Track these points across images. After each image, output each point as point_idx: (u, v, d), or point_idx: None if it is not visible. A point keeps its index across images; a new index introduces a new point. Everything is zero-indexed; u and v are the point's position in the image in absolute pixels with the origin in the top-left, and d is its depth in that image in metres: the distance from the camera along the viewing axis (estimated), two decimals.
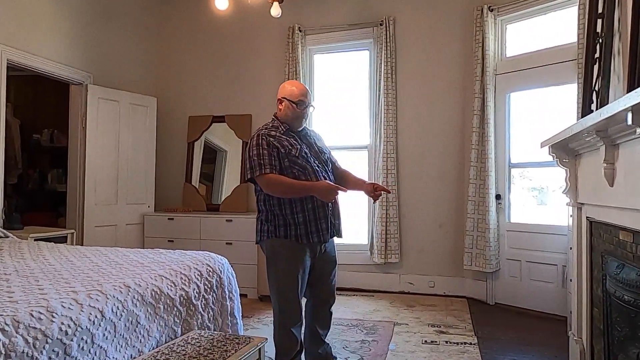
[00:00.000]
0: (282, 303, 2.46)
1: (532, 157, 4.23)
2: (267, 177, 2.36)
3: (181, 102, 5.44)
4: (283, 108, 2.51)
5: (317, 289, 2.60)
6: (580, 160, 2.52)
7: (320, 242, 2.44)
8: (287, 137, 2.46)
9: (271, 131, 2.47)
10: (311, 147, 2.53)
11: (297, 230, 2.39)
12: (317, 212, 2.40)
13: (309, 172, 2.40)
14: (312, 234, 2.40)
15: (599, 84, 2.35)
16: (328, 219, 2.44)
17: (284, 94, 2.52)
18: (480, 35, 4.33)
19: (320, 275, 2.58)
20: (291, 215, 2.39)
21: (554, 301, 3.91)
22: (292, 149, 2.40)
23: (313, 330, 2.62)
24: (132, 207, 4.86)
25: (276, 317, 2.50)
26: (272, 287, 2.49)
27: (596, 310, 2.42)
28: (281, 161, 2.39)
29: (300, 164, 2.39)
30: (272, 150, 2.38)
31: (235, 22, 5.22)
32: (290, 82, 2.63)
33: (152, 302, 2.10)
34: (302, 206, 2.39)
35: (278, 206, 2.42)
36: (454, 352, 3.13)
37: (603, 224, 2.27)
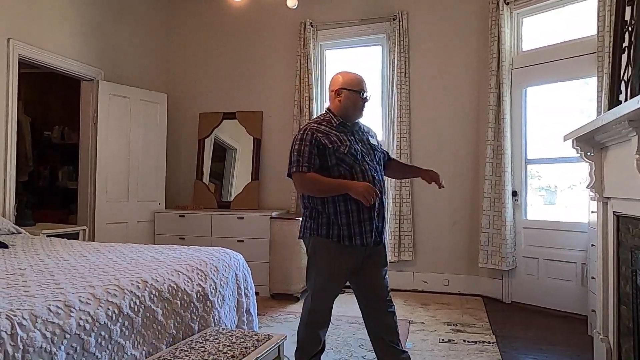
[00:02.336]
0: (314, 303, 2.37)
1: (549, 153, 4.16)
2: (302, 176, 2.26)
3: (192, 98, 5.41)
4: (342, 99, 2.35)
5: (371, 295, 2.43)
6: (606, 153, 2.45)
7: (363, 245, 2.26)
8: (338, 132, 2.30)
9: (321, 125, 2.32)
10: (364, 143, 2.36)
11: (340, 231, 2.25)
12: (361, 214, 2.24)
13: (356, 171, 2.25)
14: (355, 236, 2.25)
15: (629, 73, 2.28)
16: (373, 221, 2.27)
17: (343, 84, 2.36)
18: (495, 29, 4.26)
19: (370, 279, 2.41)
20: (334, 215, 2.26)
21: (573, 300, 3.83)
22: (340, 145, 2.25)
23: (382, 341, 2.44)
24: (143, 204, 4.83)
25: (305, 314, 2.41)
26: (309, 285, 2.41)
27: (624, 307, 2.34)
28: (328, 158, 2.24)
29: (347, 162, 2.24)
30: (314, 147, 2.24)
31: (246, 18, 5.18)
32: (344, 72, 2.45)
33: (169, 298, 2.05)
34: (347, 207, 2.24)
35: (321, 204, 2.29)
36: (472, 351, 3.06)
37: (633, 218, 2.20)
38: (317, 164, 2.25)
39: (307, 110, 4.82)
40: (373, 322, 2.44)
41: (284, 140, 4.99)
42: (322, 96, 5.03)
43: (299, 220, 4.32)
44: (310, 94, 4.83)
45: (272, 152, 5.10)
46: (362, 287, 2.43)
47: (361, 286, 2.43)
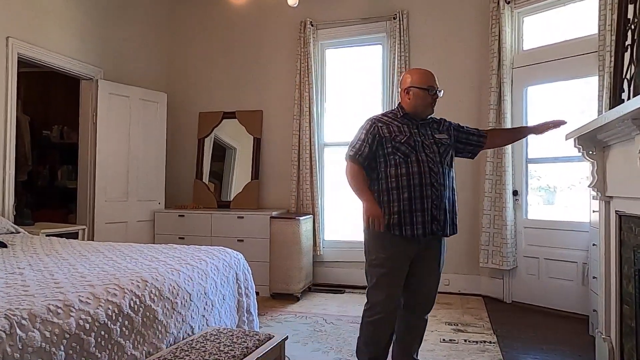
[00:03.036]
0: (369, 297, 2.38)
1: (550, 153, 4.15)
2: (348, 161, 2.39)
3: (191, 97, 5.39)
4: (412, 97, 2.38)
5: (414, 292, 2.41)
6: (609, 152, 2.44)
7: (414, 236, 2.25)
8: (401, 124, 2.36)
9: (385, 116, 2.41)
10: (427, 136, 2.36)
11: (390, 219, 2.27)
12: (413, 203, 2.24)
13: (412, 160, 2.27)
14: (406, 225, 2.25)
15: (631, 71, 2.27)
16: (427, 212, 2.25)
17: (411, 83, 2.38)
18: (496, 28, 4.25)
19: (419, 276, 2.38)
20: (387, 203, 2.29)
21: (574, 299, 3.82)
22: (399, 135, 2.31)
23: (403, 342, 2.47)
24: (142, 203, 4.81)
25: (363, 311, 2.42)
26: (367, 279, 2.41)
27: (626, 307, 2.34)
28: (384, 146, 2.31)
29: (403, 151, 2.28)
30: (369, 136, 2.34)
31: (246, 17, 5.17)
32: (414, 70, 2.49)
33: (170, 297, 2.04)
34: (399, 194, 2.26)
35: (377, 193, 2.33)
36: (473, 351, 3.05)
37: (635, 218, 2.19)
38: (366, 152, 2.33)
39: (308, 110, 4.81)
40: (404, 323, 2.46)
41: (284, 139, 4.98)
42: (322, 95, 5.02)
43: (299, 219, 4.35)
44: (311, 93, 4.81)
45: (272, 152, 5.09)
46: (410, 286, 2.41)
47: (409, 285, 2.40)
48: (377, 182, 2.34)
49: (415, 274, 2.37)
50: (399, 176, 2.27)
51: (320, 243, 4.82)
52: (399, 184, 2.26)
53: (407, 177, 2.26)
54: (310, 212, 4.77)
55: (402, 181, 2.26)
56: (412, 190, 2.25)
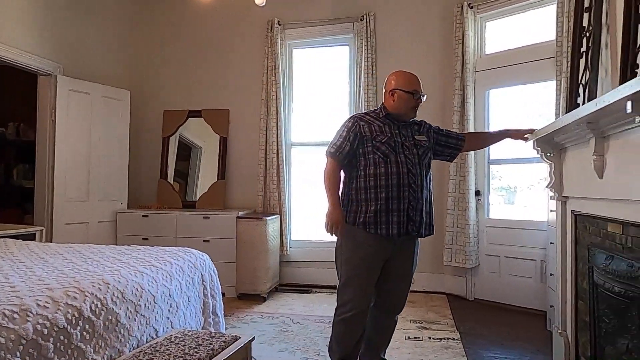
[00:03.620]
0: (341, 296, 2.37)
1: (510, 154, 4.28)
2: (328, 158, 2.39)
3: (156, 95, 5.29)
4: (396, 99, 2.40)
5: (385, 292, 2.44)
6: (565, 154, 2.54)
7: (389, 235, 2.28)
8: (382, 124, 2.38)
9: (367, 115, 2.44)
10: (407, 137, 2.39)
11: (365, 217, 2.29)
12: (390, 203, 2.27)
13: (391, 160, 2.30)
14: (381, 224, 2.28)
15: (587, 77, 2.37)
16: (403, 212, 2.28)
17: (397, 86, 2.40)
18: (460, 32, 4.35)
19: (391, 276, 2.41)
20: (365, 201, 2.31)
21: (532, 296, 3.95)
22: (379, 135, 2.33)
23: (370, 339, 2.49)
24: (104, 203, 4.68)
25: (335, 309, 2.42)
26: (339, 277, 2.41)
27: (581, 303, 2.44)
28: (364, 145, 2.33)
29: (382, 151, 2.31)
30: (350, 134, 2.35)
31: (213, 15, 5.11)
32: (400, 72, 2.49)
33: (133, 300, 1.99)
34: (376, 194, 2.29)
35: (355, 191, 2.35)
36: (437, 348, 3.12)
37: (590, 217, 2.29)
38: (347, 149, 2.34)
39: (275, 109, 4.79)
40: (373, 322, 2.48)
41: (251, 139, 4.95)
42: (289, 95, 5.01)
43: (266, 219, 4.33)
44: (278, 92, 4.80)
45: (238, 151, 5.05)
46: (381, 286, 2.42)
47: (380, 284, 2.42)
48: (356, 180, 2.35)
49: (388, 274, 2.40)
50: (378, 176, 2.30)
51: (287, 243, 4.82)
52: (377, 183, 2.29)
53: (386, 177, 2.29)
54: (277, 212, 4.75)
55: (381, 181, 2.29)
56: (390, 190, 2.28)
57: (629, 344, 1.87)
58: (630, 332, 1.85)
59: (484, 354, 3.05)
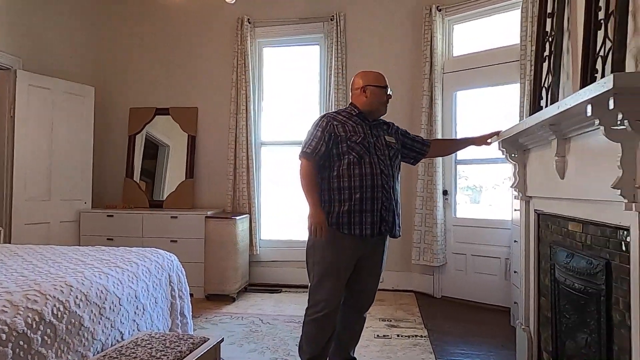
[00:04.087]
0: (313, 296, 2.36)
1: (476, 154, 4.38)
2: (303, 159, 2.35)
3: (122, 92, 5.16)
4: (369, 95, 2.42)
5: (355, 291, 2.46)
6: (529, 154, 2.61)
7: (362, 235, 2.29)
8: (355, 124, 2.38)
9: (339, 115, 2.42)
10: (379, 138, 2.42)
11: (339, 218, 2.29)
12: (364, 203, 2.29)
13: (365, 161, 2.31)
14: (354, 224, 2.28)
15: (549, 81, 2.45)
16: (376, 213, 2.31)
17: (368, 82, 2.44)
18: (428, 34, 4.42)
19: (361, 276, 2.42)
20: (338, 202, 2.31)
21: (497, 293, 4.06)
22: (354, 135, 2.33)
23: (339, 338, 2.50)
24: (67, 203, 4.53)
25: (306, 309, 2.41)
26: (310, 278, 2.39)
27: (543, 299, 2.52)
28: (339, 145, 2.32)
29: (357, 151, 2.31)
30: (325, 134, 2.32)
31: (181, 11, 5.02)
32: (367, 71, 2.54)
33: (97, 302, 1.94)
34: (350, 194, 2.29)
35: (328, 191, 2.34)
36: (406, 345, 3.16)
37: (552, 216, 2.36)
38: (323, 150, 2.32)
39: (244, 108, 4.75)
40: (343, 321, 2.49)
41: (220, 137, 4.90)
42: (259, 93, 4.97)
43: (235, 219, 4.29)
44: (248, 91, 4.76)
45: (207, 150, 4.98)
46: (350, 285, 2.43)
47: (350, 284, 2.42)
48: (329, 181, 2.35)
49: (360, 274, 2.42)
50: (352, 176, 2.30)
51: (257, 242, 4.79)
52: (351, 183, 2.29)
53: (360, 178, 2.30)
54: (246, 211, 4.72)
55: (355, 181, 2.29)
56: (364, 191, 2.29)
57: (588, 338, 1.94)
58: (589, 327, 1.92)
59: (450, 350, 3.11)
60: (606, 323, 1.78)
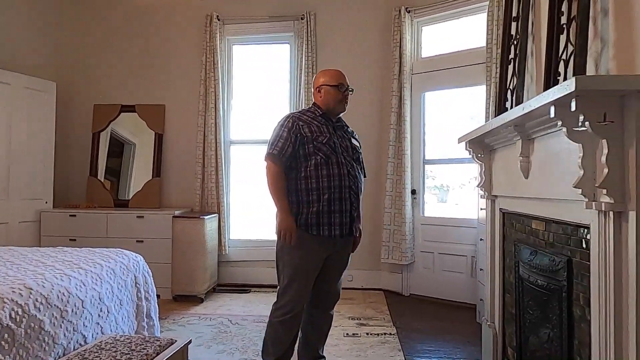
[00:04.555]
0: (281, 299, 2.34)
1: (443, 154, 4.47)
2: (269, 162, 2.31)
3: (85, 88, 5.00)
4: (323, 94, 2.44)
5: (321, 291, 2.46)
6: (494, 155, 2.67)
7: (331, 236, 2.30)
8: (320, 124, 2.37)
9: (304, 115, 2.41)
10: (344, 139, 2.43)
11: (307, 219, 2.28)
12: (332, 204, 2.29)
13: (332, 161, 2.31)
14: (323, 225, 2.28)
15: (514, 83, 2.51)
16: (345, 214, 2.32)
17: (321, 82, 2.47)
18: (397, 35, 4.47)
19: (327, 276, 2.43)
20: (306, 203, 2.29)
21: (463, 290, 4.14)
22: (320, 135, 2.32)
23: (308, 339, 2.50)
24: (26, 202, 4.36)
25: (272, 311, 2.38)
26: (279, 280, 2.38)
27: (508, 296, 2.58)
28: (306, 146, 2.30)
29: (324, 152, 2.30)
30: (291, 134, 2.30)
31: (148, 6, 4.91)
32: (325, 70, 2.58)
33: (58, 305, 1.87)
34: (319, 195, 2.28)
35: (295, 192, 2.31)
36: (375, 343, 3.18)
37: (516, 215, 2.42)
38: (290, 151, 2.29)
39: (213, 106, 4.69)
40: (310, 321, 2.49)
41: (188, 136, 4.82)
42: (228, 92, 4.92)
43: (204, 218, 4.23)
44: (217, 89, 4.70)
45: (175, 148, 4.89)
46: (317, 285, 2.43)
47: (316, 284, 2.42)
48: (296, 182, 2.33)
49: (327, 274, 2.43)
50: (320, 177, 2.29)
51: (226, 242, 4.73)
52: (319, 184, 2.29)
53: (328, 179, 2.29)
54: (215, 210, 4.66)
55: (323, 182, 2.29)
56: (332, 191, 2.29)
57: (550, 333, 2.00)
58: (552, 322, 1.98)
59: (418, 347, 3.15)
60: (567, 318, 1.84)
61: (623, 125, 1.44)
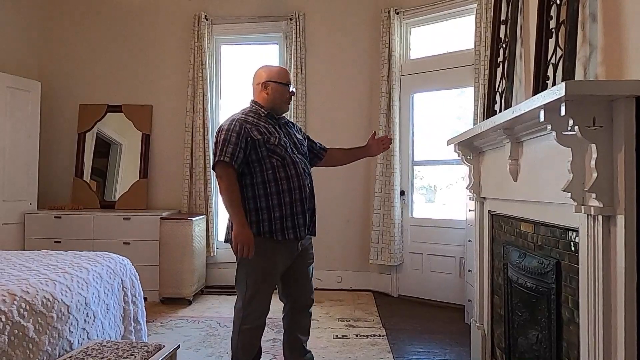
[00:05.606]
0: (246, 309, 2.24)
1: (432, 156, 4.49)
2: (225, 167, 2.16)
3: (71, 88, 4.92)
4: (270, 92, 2.33)
5: (296, 292, 2.42)
6: (483, 157, 2.69)
7: (296, 238, 2.25)
8: (267, 124, 2.27)
9: (248, 116, 2.28)
10: (290, 137, 2.35)
11: (271, 225, 2.19)
12: (294, 206, 2.22)
13: (288, 162, 2.23)
14: (288, 229, 2.21)
15: (503, 86, 2.52)
16: (307, 213, 2.28)
17: (270, 77, 2.34)
18: (386, 37, 4.47)
19: (298, 276, 2.39)
20: (267, 209, 2.20)
21: (452, 291, 4.16)
22: (270, 137, 2.22)
23: (293, 338, 2.45)
24: (10, 204, 4.27)
25: (237, 321, 2.27)
26: (239, 289, 2.27)
27: (497, 297, 2.60)
28: (258, 150, 2.19)
29: (279, 154, 2.22)
30: (241, 139, 2.17)
31: (136, 5, 4.85)
32: (270, 65, 2.45)
33: (43, 311, 1.84)
34: (279, 199, 2.20)
35: (253, 199, 2.21)
36: (364, 345, 3.18)
37: (505, 217, 2.44)
38: (241, 157, 2.17)
39: (201, 106, 4.65)
40: (292, 321, 2.46)
41: (176, 136, 4.77)
42: (217, 92, 4.88)
43: (191, 220, 4.19)
44: (205, 89, 4.66)
45: (162, 149, 4.84)
46: (291, 287, 2.41)
47: (290, 286, 2.40)
48: (253, 188, 2.22)
49: (297, 275, 2.40)
50: (278, 180, 2.21)
51: (214, 244, 4.69)
52: (278, 188, 2.21)
53: (287, 181, 2.22)
54: (203, 212, 4.62)
55: (282, 185, 2.21)
56: (292, 193, 2.22)
57: (539, 335, 2.02)
58: (540, 324, 2.00)
59: (407, 349, 3.16)
60: (556, 320, 1.85)
61: (612, 130, 1.45)
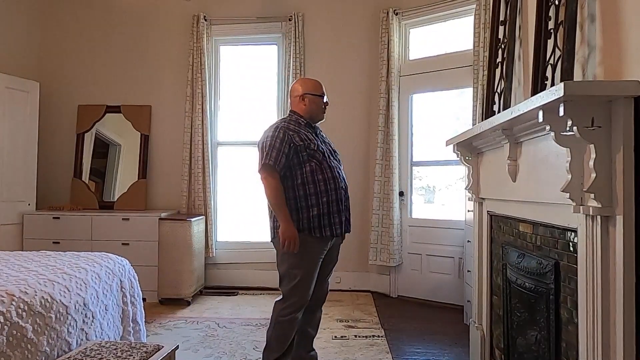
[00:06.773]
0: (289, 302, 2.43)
1: (431, 156, 4.49)
2: (269, 171, 2.37)
3: (69, 88, 4.91)
4: (307, 103, 2.54)
5: (317, 287, 2.56)
6: (482, 157, 2.69)
7: (332, 236, 2.46)
8: (306, 132, 2.49)
9: (290, 124, 2.49)
10: (326, 145, 2.58)
11: (310, 223, 2.40)
12: (331, 206, 2.44)
13: (325, 167, 2.44)
14: (325, 227, 2.43)
15: (502, 86, 2.53)
16: (342, 213, 2.50)
17: (306, 90, 2.55)
18: (385, 37, 4.47)
19: (321, 272, 2.55)
20: (306, 208, 2.41)
21: (451, 292, 4.16)
22: (310, 143, 2.44)
23: (303, 331, 2.60)
24: (8, 205, 4.27)
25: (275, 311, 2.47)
26: (283, 284, 2.47)
27: (496, 297, 2.60)
28: (300, 154, 2.41)
29: (317, 158, 2.43)
30: (284, 145, 2.39)
31: (134, 6, 4.85)
32: (306, 79, 2.69)
33: (42, 312, 1.83)
34: (317, 199, 2.41)
35: (294, 199, 2.42)
36: (363, 346, 3.18)
37: (503, 217, 2.44)
38: (284, 161, 2.38)
39: (200, 107, 4.65)
40: (306, 315, 2.58)
41: (175, 137, 4.77)
42: (216, 92, 4.88)
43: (190, 220, 4.19)
44: (204, 90, 4.66)
45: (161, 150, 4.83)
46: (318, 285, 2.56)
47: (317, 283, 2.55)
48: (294, 189, 2.42)
49: (323, 272, 2.58)
50: (317, 182, 2.41)
51: (213, 244, 4.69)
52: (317, 189, 2.41)
53: (325, 183, 2.42)
54: (202, 212, 4.62)
55: (320, 186, 2.42)
56: (329, 194, 2.43)
57: (538, 335, 2.02)
58: (539, 324, 2.00)
59: (406, 349, 3.16)
60: (555, 320, 1.85)
61: (610, 130, 1.45)
